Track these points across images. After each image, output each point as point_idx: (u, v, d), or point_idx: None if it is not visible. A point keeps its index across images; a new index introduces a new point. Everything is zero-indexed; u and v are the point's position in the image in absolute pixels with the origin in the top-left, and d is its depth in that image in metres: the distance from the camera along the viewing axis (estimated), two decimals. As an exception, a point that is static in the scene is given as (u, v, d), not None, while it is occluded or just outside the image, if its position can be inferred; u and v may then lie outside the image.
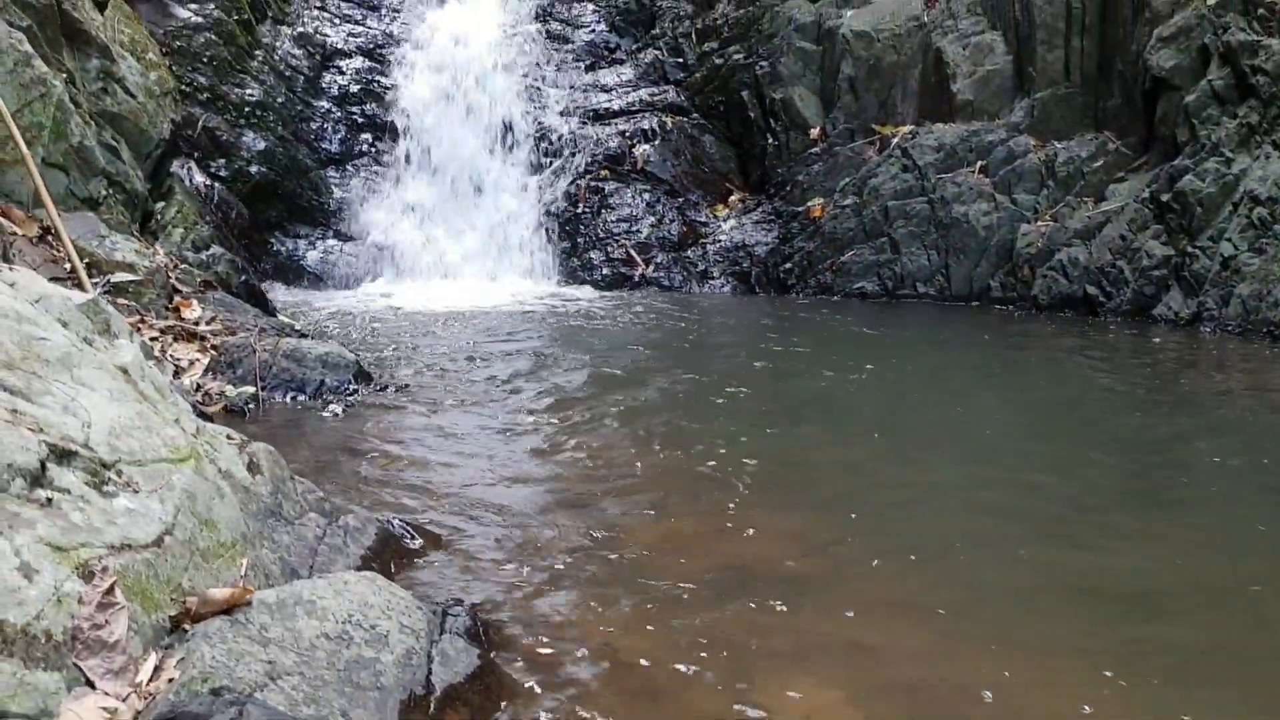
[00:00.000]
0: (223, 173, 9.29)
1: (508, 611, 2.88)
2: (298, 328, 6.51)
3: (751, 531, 3.56)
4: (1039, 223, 9.15)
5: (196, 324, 5.56)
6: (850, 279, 9.69)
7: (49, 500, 2.07)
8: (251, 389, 5.05)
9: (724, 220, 10.89)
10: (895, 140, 9.94)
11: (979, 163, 9.51)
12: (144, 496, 2.32)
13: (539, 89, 11.44)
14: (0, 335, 2.26)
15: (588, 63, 11.92)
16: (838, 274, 9.74)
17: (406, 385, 5.66)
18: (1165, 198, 8.30)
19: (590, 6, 12.20)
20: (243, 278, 6.98)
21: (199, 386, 5.01)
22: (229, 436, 3.10)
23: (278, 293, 8.95)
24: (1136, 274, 8.35)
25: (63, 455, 2.19)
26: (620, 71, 11.84)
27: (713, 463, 4.34)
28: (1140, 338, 7.67)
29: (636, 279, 10.44)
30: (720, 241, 10.65)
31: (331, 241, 10.04)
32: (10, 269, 2.59)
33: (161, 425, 2.57)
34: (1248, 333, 7.59)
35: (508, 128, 11.07)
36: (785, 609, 2.92)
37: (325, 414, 4.99)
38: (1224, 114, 8.21)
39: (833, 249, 9.86)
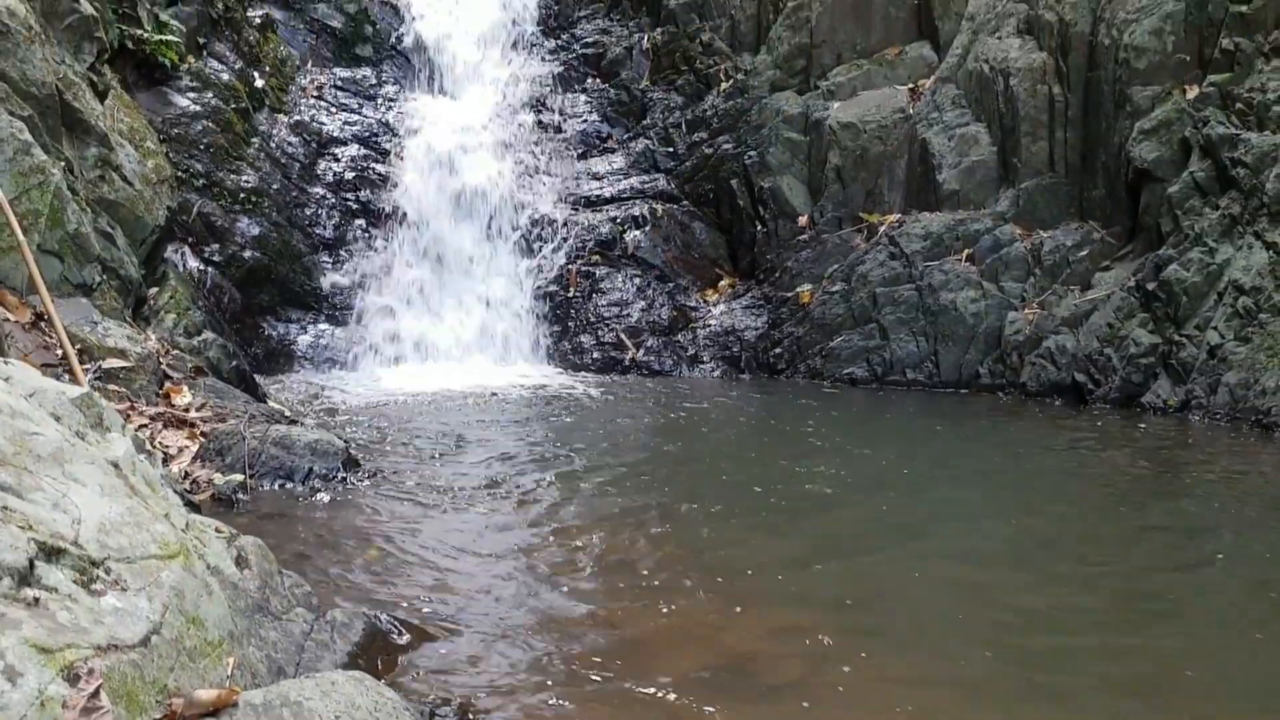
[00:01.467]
0: (216, 258, 9.35)
1: (498, 711, 2.83)
2: (287, 414, 6.50)
3: (745, 625, 3.53)
4: (1026, 310, 9.25)
5: (186, 410, 5.55)
6: (840, 364, 9.73)
7: (36, 600, 2.04)
8: (240, 477, 5.02)
9: (714, 305, 10.98)
10: (883, 228, 10.08)
11: (966, 251, 9.63)
12: (132, 594, 2.29)
13: (532, 176, 11.60)
14: (-7, 431, 2.25)
15: (580, 151, 12.10)
16: (827, 359, 9.79)
17: (395, 472, 5.64)
18: (1151, 286, 8.40)
19: (583, 97, 12.43)
20: (234, 363, 6.98)
21: (187, 474, 4.98)
22: (218, 530, 3.07)
23: (268, 377, 8.94)
24: (1124, 362, 8.42)
25: (52, 553, 2.17)
26: (612, 160, 12.02)
27: (704, 553, 4.32)
28: (1130, 426, 7.70)
29: (627, 363, 10.48)
30: (710, 326, 10.72)
31: (323, 326, 10.07)
32: (5, 362, 2.59)
33: (151, 520, 2.55)
34: (1236, 420, 7.63)
35: (500, 214, 11.20)
36: (782, 712, 2.88)
37: (313, 502, 4.95)
38: (1206, 205, 8.36)
39: (822, 334, 9.92)
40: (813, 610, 3.73)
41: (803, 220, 10.67)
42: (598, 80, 12.58)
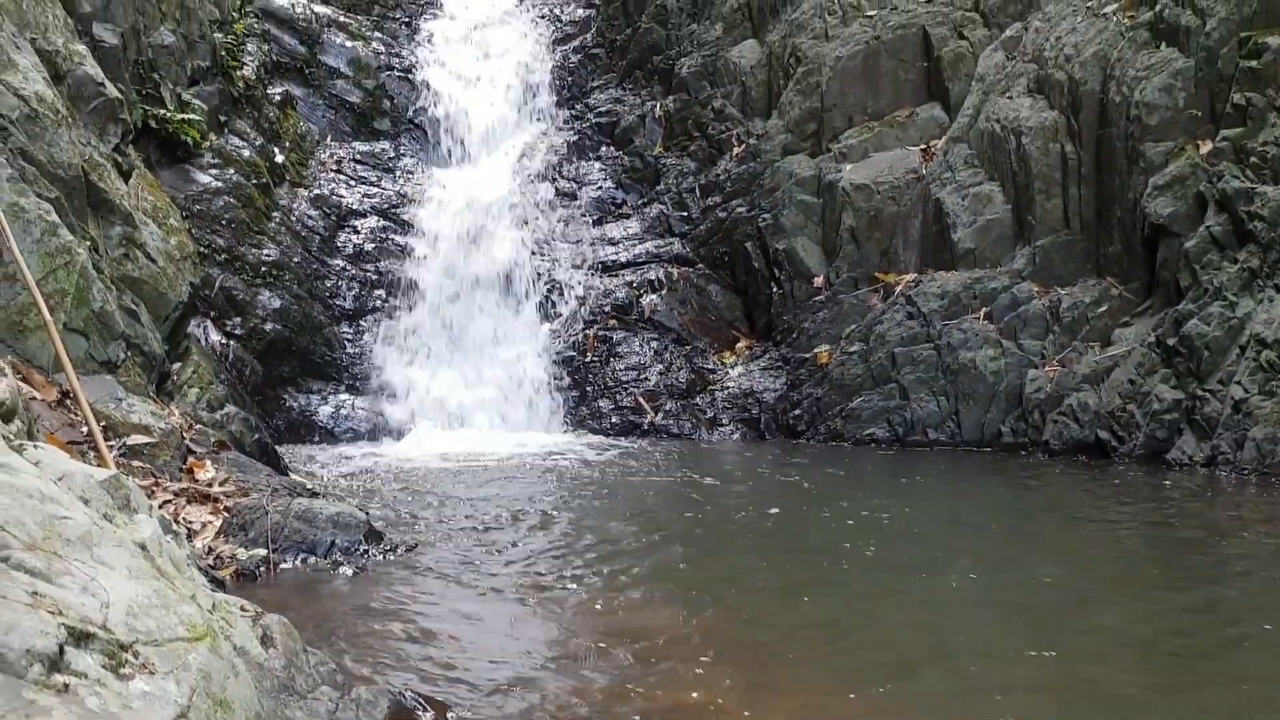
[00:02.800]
0: (238, 331, 9.44)
1: (527, 790, 2.79)
2: (309, 486, 6.50)
3: (773, 707, 3.47)
4: (1047, 368, 9.21)
5: (210, 485, 5.56)
6: (860, 425, 9.70)
7: (66, 686, 2.03)
8: (263, 551, 5.01)
9: (731, 367, 10.99)
10: (899, 288, 10.10)
11: (983, 309, 9.63)
12: (160, 678, 2.28)
13: (548, 243, 11.70)
14: (24, 516, 2.26)
15: (595, 217, 12.23)
16: (848, 420, 9.76)
17: (416, 545, 5.61)
18: (1172, 342, 8.36)
19: (597, 165, 12.58)
20: (256, 436, 7.01)
21: (211, 549, 4.97)
22: (243, 608, 3.06)
23: (290, 448, 8.97)
24: (1148, 418, 8.36)
25: (81, 637, 2.17)
26: (627, 225, 12.13)
27: (731, 626, 4.27)
28: (1156, 484, 7.61)
29: (645, 426, 10.47)
30: (728, 388, 10.72)
31: (344, 396, 10.12)
32: (36, 446, 2.61)
33: (178, 602, 2.54)
34: (1264, 475, 7.55)
35: (518, 281, 11.30)
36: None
37: (336, 576, 4.93)
38: (1224, 259, 8.35)
39: (841, 395, 9.90)
40: (841, 688, 3.67)
41: (818, 281, 10.71)
42: (612, 148, 12.75)
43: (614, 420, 10.54)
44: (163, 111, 9.22)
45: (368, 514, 5.74)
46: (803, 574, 5.21)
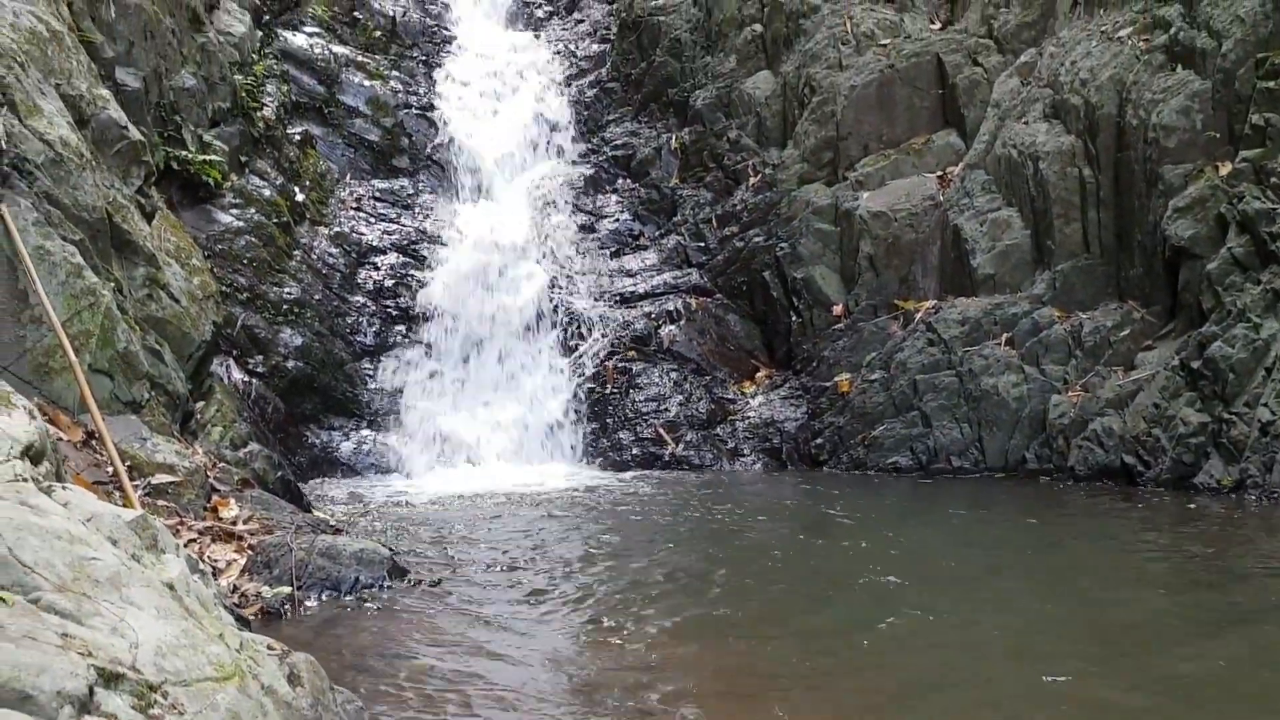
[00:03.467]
0: (260, 369, 9.48)
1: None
2: (332, 523, 6.50)
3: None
4: (1070, 393, 9.15)
5: (234, 524, 5.57)
6: (883, 453, 9.65)
7: (95, 729, 2.03)
8: (288, 589, 5.01)
9: (752, 397, 10.96)
10: (919, 315, 10.07)
11: (1004, 335, 9.59)
12: (189, 718, 2.27)
13: (567, 276, 11.74)
14: (54, 557, 2.27)
15: (613, 249, 12.27)
16: (870, 449, 9.71)
17: (439, 581, 5.60)
18: (1196, 365, 8.30)
19: (614, 198, 12.64)
20: (279, 473, 7.03)
21: (236, 588, 4.98)
22: (270, 647, 3.05)
23: (312, 485, 8.99)
24: (1174, 442, 8.28)
25: (111, 679, 2.17)
26: (644, 256, 12.17)
27: (757, 664, 4.23)
28: (1184, 509, 7.53)
29: (667, 458, 10.44)
30: (749, 418, 10.69)
31: (365, 432, 10.15)
32: (64, 488, 2.62)
33: (206, 642, 2.54)
34: (1294, 498, 7.46)
35: (538, 314, 11.33)
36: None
37: (361, 613, 4.93)
38: (1247, 280, 8.29)
39: (863, 423, 9.86)
40: None
41: (837, 309, 10.69)
42: (628, 180, 12.82)
43: (634, 452, 10.51)
44: (184, 153, 9.32)
45: (391, 550, 5.74)
46: (829, 611, 5.17)
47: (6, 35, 6.21)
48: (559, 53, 14.24)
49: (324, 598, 5.15)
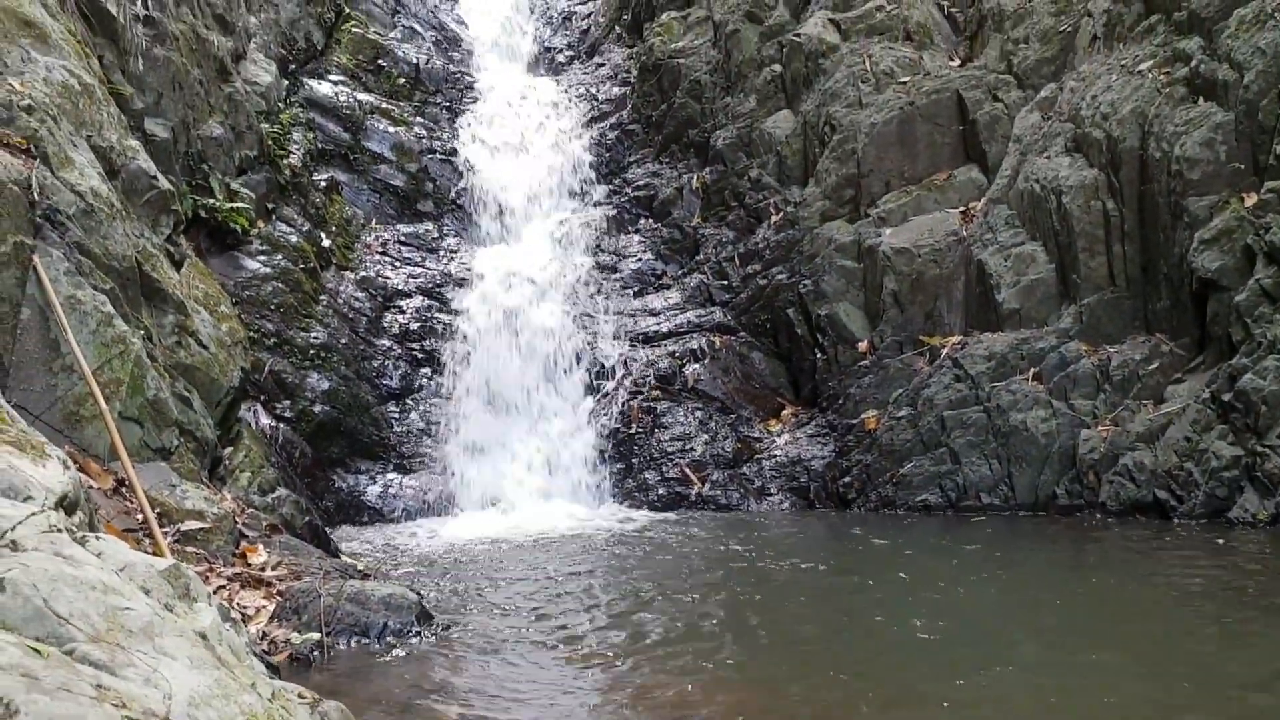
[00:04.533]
0: (288, 414, 9.54)
1: None
2: (360, 568, 6.50)
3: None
4: (1099, 427, 9.06)
5: (262, 570, 5.58)
6: (912, 491, 9.57)
7: (129, 782, 2.03)
8: (317, 635, 5.00)
9: (778, 435, 10.91)
10: (945, 351, 10.03)
11: (1032, 370, 9.52)
12: (222, 771, 2.27)
13: (590, 316, 11.78)
14: (88, 608, 2.28)
15: (636, 289, 12.30)
16: (899, 487, 9.64)
17: (468, 625, 5.59)
18: (1227, 397, 8.21)
19: (636, 238, 12.70)
20: (307, 518, 7.04)
21: (265, 634, 4.97)
22: (301, 695, 3.04)
23: (339, 529, 9.00)
24: (1206, 476, 8.17)
25: (143, 731, 2.16)
26: (667, 296, 12.19)
27: (785, 711, 4.18)
28: (1219, 544, 7.41)
29: (693, 498, 10.39)
30: (776, 457, 10.63)
31: (391, 475, 10.17)
32: (98, 538, 2.64)
33: (239, 691, 2.54)
34: (1332, 532, 7.33)
35: (561, 355, 11.36)
36: None
37: (390, 660, 4.91)
38: (1276, 311, 8.21)
39: (891, 461, 9.79)
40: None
41: (862, 346, 10.66)
42: (650, 220, 12.88)
43: (660, 492, 10.47)
44: (212, 201, 9.45)
45: (419, 594, 5.72)
46: (866, 659, 5.10)
47: (40, 90, 6.34)
48: (580, 96, 14.37)
49: (353, 643, 5.14)
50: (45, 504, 2.60)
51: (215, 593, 4.85)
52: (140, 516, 5.19)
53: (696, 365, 11.33)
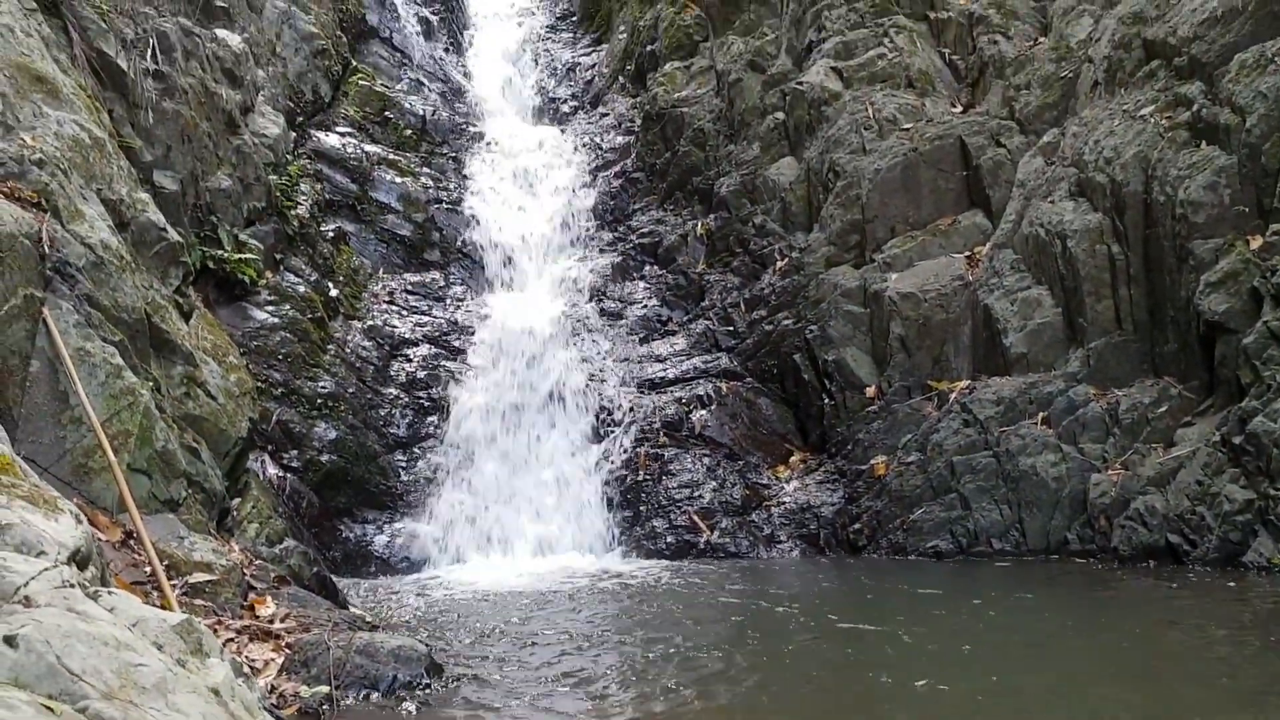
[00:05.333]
0: (295, 463, 9.52)
1: None
2: (368, 619, 6.45)
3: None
4: (1110, 471, 9.01)
5: (271, 622, 5.53)
6: (923, 538, 9.50)
7: (142, 843, 2.00)
8: (326, 689, 4.94)
9: (786, 481, 10.86)
10: (953, 396, 10.00)
11: (1040, 414, 9.49)
12: (235, 831, 2.23)
13: (596, 363, 11.78)
14: (101, 664, 2.25)
15: (642, 335, 12.32)
16: (909, 533, 9.57)
17: (476, 677, 5.53)
18: (1238, 440, 8.17)
19: (641, 284, 12.74)
20: (314, 569, 7.00)
21: (274, 688, 4.92)
22: (313, 751, 3.01)
23: (347, 579, 8.94)
24: (1219, 520, 8.11)
25: (156, 791, 2.13)
26: (673, 342, 12.20)
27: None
28: (1233, 590, 7.33)
29: (702, 546, 10.32)
30: (785, 504, 10.57)
31: (399, 525, 10.12)
32: (110, 593, 2.62)
33: (251, 749, 2.51)
34: (1349, 576, 7.26)
35: (567, 403, 11.35)
36: None
37: (399, 713, 4.85)
38: (1285, 354, 8.19)
39: (901, 507, 9.73)
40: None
41: (870, 391, 10.64)
42: (655, 267, 12.93)
43: (669, 540, 10.41)
44: (221, 252, 9.50)
45: (428, 646, 5.67)
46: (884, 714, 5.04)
47: (51, 144, 6.40)
48: (584, 145, 14.49)
49: (362, 697, 5.08)
50: (58, 559, 2.59)
51: (224, 646, 4.80)
52: (149, 569, 5.16)
53: (703, 411, 11.31)
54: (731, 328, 11.95)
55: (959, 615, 6.92)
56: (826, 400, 10.91)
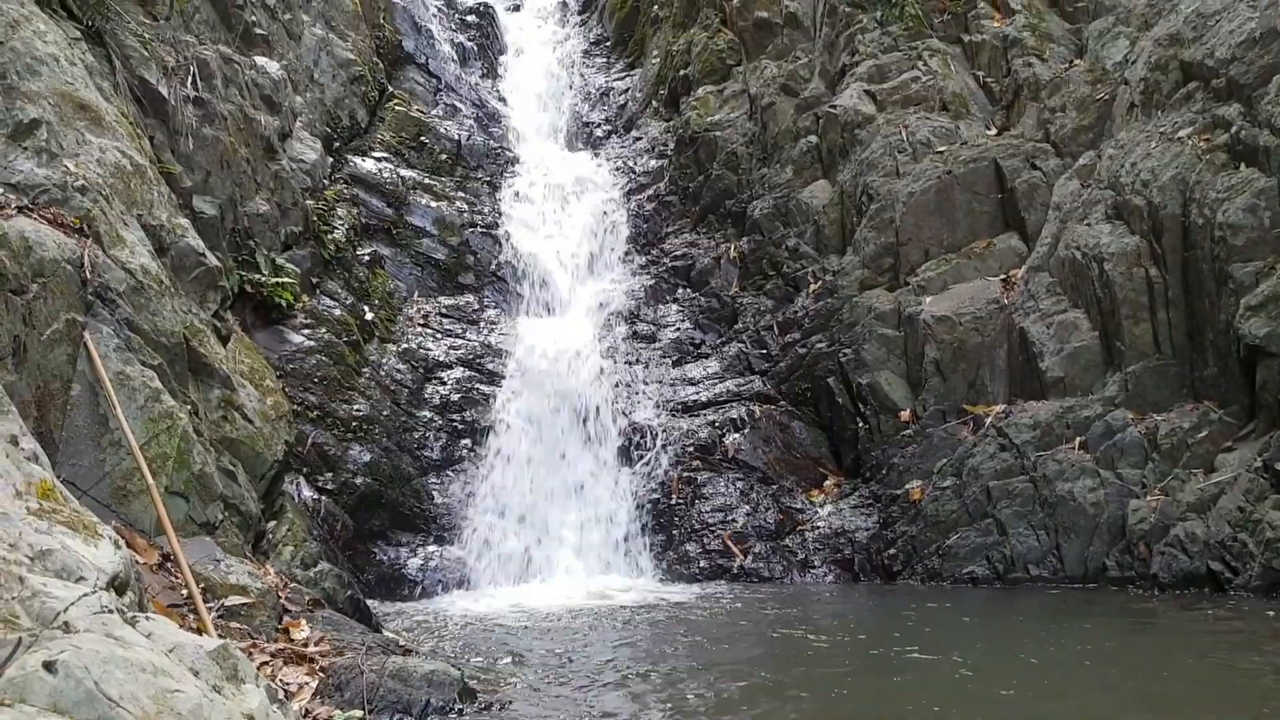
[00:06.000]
0: (330, 486, 9.58)
1: None
2: (401, 643, 6.46)
3: None
4: (1149, 497, 8.89)
5: (305, 645, 5.55)
6: (959, 563, 9.40)
7: None
8: (359, 713, 4.95)
9: (820, 506, 10.79)
10: (989, 420, 9.92)
11: (1077, 438, 9.39)
12: None
13: (629, 386, 11.78)
14: (138, 690, 2.27)
15: (675, 358, 12.31)
16: (945, 559, 9.48)
17: (510, 702, 5.52)
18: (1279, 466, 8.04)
19: (674, 307, 12.74)
20: (348, 592, 7.02)
21: (308, 711, 4.93)
22: (346, 778, 3.01)
23: (380, 602, 8.96)
24: (1262, 547, 7.97)
25: (191, 818, 2.15)
26: (706, 365, 12.19)
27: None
28: (1276, 618, 7.19)
29: (735, 570, 10.27)
30: (819, 528, 10.51)
31: (432, 548, 10.15)
32: (147, 618, 2.64)
33: (285, 776, 2.52)
34: (1397, 606, 7.11)
35: (600, 425, 11.35)
36: None
37: (433, 737, 4.85)
38: (1328, 379, 8.06)
39: (937, 532, 9.64)
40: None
41: (905, 415, 10.57)
42: (688, 290, 12.94)
43: (702, 564, 10.36)
44: (258, 276, 9.61)
45: (461, 670, 5.67)
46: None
47: (94, 171, 6.51)
48: (618, 169, 14.56)
49: (395, 721, 5.08)
50: (97, 584, 2.62)
51: (259, 669, 4.83)
52: (185, 592, 5.20)
53: (737, 435, 11.27)
54: (765, 351, 11.92)
55: (998, 644, 6.83)
56: (861, 424, 10.84)
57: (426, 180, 13.18)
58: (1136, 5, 11.25)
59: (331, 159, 12.26)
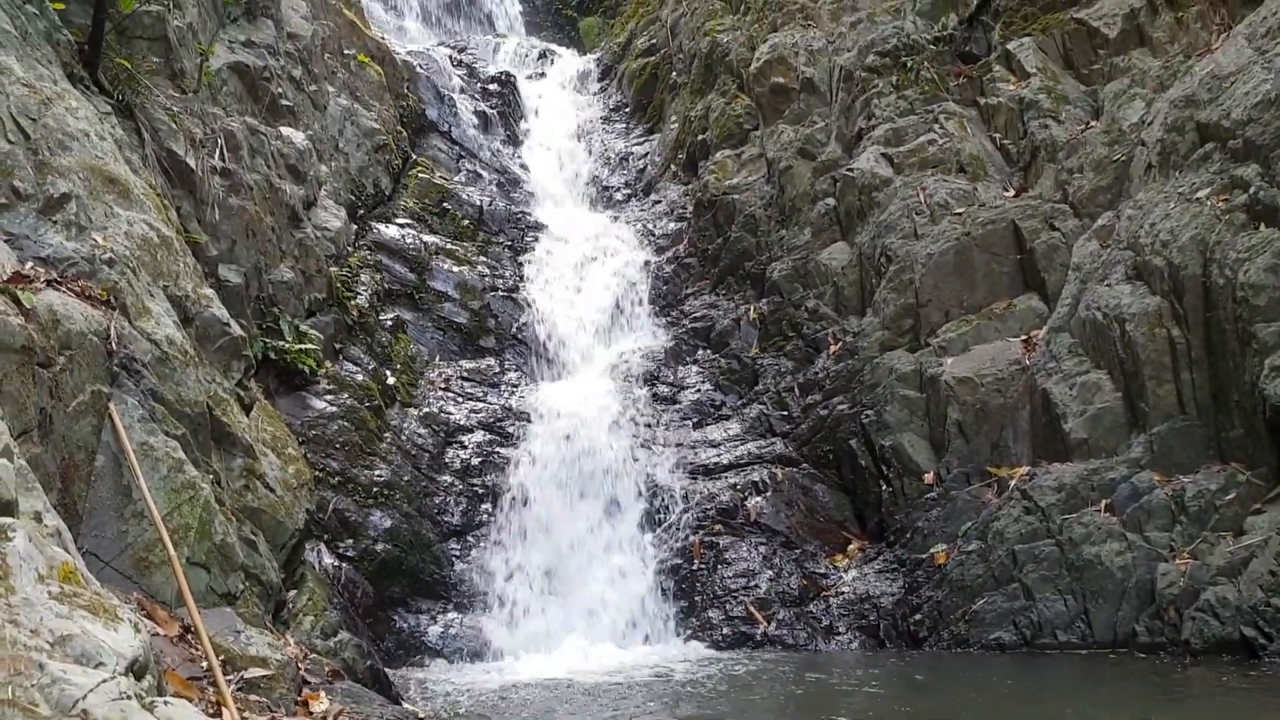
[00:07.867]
0: (350, 553, 9.57)
1: None
2: (420, 715, 6.41)
3: None
4: (1178, 561, 8.75)
5: (324, 718, 5.51)
6: (985, 629, 9.26)
7: None
8: (378, 789, 4.90)
9: (844, 571, 10.68)
10: (1013, 482, 9.83)
11: (1103, 501, 9.28)
12: None
13: (649, 448, 11.76)
14: (154, 782, 2.26)
15: (695, 420, 12.30)
16: (971, 624, 9.34)
17: (532, 775, 5.45)
18: (1312, 529, 7.91)
19: (695, 369, 12.76)
20: (368, 663, 6.99)
21: (326, 788, 4.89)
22: None
23: (399, 670, 8.90)
24: (1296, 612, 7.82)
25: None
26: (727, 427, 12.16)
27: None
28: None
29: (759, 637, 10.15)
30: (843, 594, 10.39)
31: (452, 615, 10.09)
32: (166, 703, 2.63)
33: None
34: None
35: (620, 489, 11.31)
36: None
37: (453, 814, 4.79)
38: (1357, 440, 7.96)
39: (963, 597, 9.52)
40: None
41: (928, 478, 10.49)
42: (708, 351, 12.96)
43: (725, 632, 10.25)
44: (282, 343, 9.69)
45: (480, 744, 5.62)
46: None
47: (121, 244, 6.61)
48: (638, 232, 14.68)
49: (414, 797, 5.02)
50: (116, 669, 2.61)
51: (277, 745, 4.79)
52: (205, 664, 5.18)
53: (758, 498, 11.21)
54: (786, 412, 11.89)
55: (1029, 716, 6.70)
56: (884, 487, 10.77)
57: (449, 245, 13.32)
58: (1151, 68, 11.33)
59: (356, 226, 12.42)
